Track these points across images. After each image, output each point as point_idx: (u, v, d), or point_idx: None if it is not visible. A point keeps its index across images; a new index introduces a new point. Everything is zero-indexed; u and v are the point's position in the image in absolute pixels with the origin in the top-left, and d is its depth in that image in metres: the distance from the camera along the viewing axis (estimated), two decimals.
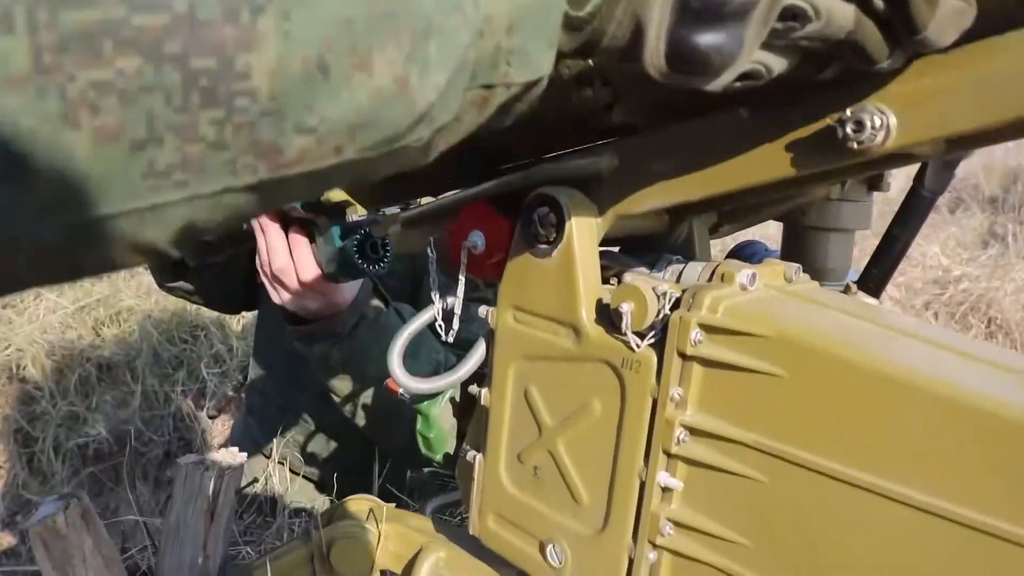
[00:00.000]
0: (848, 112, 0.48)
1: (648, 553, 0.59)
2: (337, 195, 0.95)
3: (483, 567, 0.78)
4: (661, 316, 0.57)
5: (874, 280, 0.67)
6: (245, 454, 0.92)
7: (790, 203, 0.71)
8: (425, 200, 0.84)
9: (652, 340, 0.57)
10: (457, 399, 0.78)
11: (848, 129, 0.48)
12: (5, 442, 2.34)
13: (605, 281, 0.64)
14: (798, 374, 0.51)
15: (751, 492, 0.54)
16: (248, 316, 2.62)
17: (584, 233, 0.62)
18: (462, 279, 0.70)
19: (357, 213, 1.01)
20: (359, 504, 0.88)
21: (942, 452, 0.46)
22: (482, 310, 0.69)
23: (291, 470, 1.64)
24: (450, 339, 0.72)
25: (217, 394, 2.43)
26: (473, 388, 0.70)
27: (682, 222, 0.71)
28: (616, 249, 0.70)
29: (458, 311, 0.71)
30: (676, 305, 0.57)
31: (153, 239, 0.31)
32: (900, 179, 2.16)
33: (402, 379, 0.70)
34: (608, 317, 0.60)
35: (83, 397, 2.43)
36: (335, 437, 1.61)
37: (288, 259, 1.13)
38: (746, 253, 0.81)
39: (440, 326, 0.73)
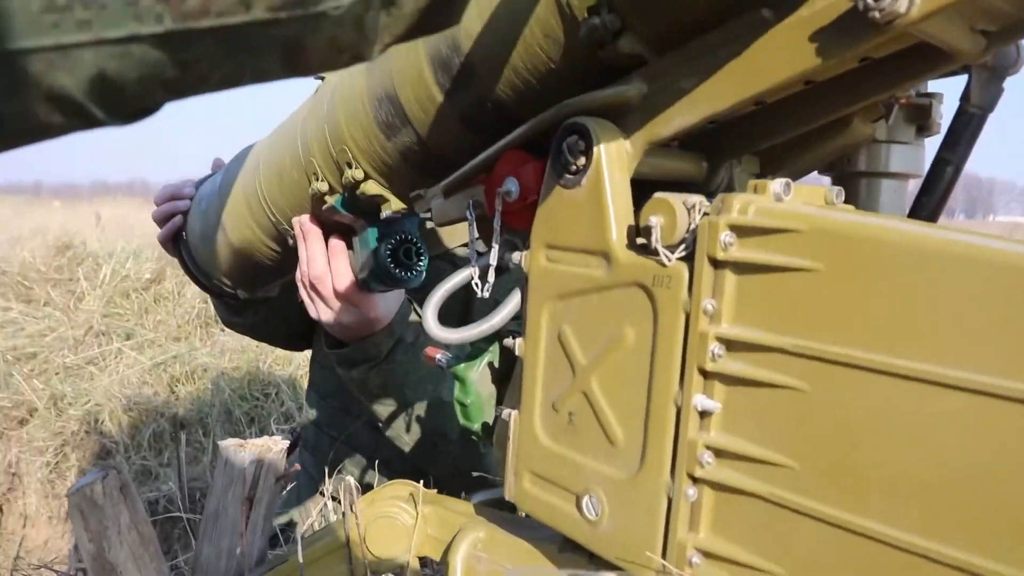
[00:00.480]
0: None
1: (687, 489, 0.55)
2: (373, 188, 0.95)
3: (523, 545, 0.74)
4: (691, 228, 0.54)
5: (925, 209, 0.64)
6: (287, 442, 0.91)
7: (836, 144, 0.68)
8: None
9: (683, 254, 0.55)
10: (496, 364, 0.76)
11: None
12: None
13: None
14: (836, 264, 0.48)
15: (793, 404, 0.50)
16: None
17: (613, 158, 0.60)
18: (497, 228, 0.69)
19: (392, 210, 1.00)
20: (398, 488, 0.85)
21: (1004, 326, 0.42)
22: (515, 256, 0.67)
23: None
24: (486, 294, 0.70)
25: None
26: (508, 341, 0.68)
27: (721, 167, 0.69)
28: None
29: (493, 263, 0.70)
30: (706, 216, 0.54)
31: (66, 86, 0.32)
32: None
33: (435, 330, 0.69)
34: (638, 235, 0.58)
35: (156, 452, 2.46)
36: (389, 467, 1.59)
37: (325, 267, 1.13)
38: None
39: (476, 284, 0.72)
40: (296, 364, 2.86)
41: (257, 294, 1.36)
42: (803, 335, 0.50)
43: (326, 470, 1.54)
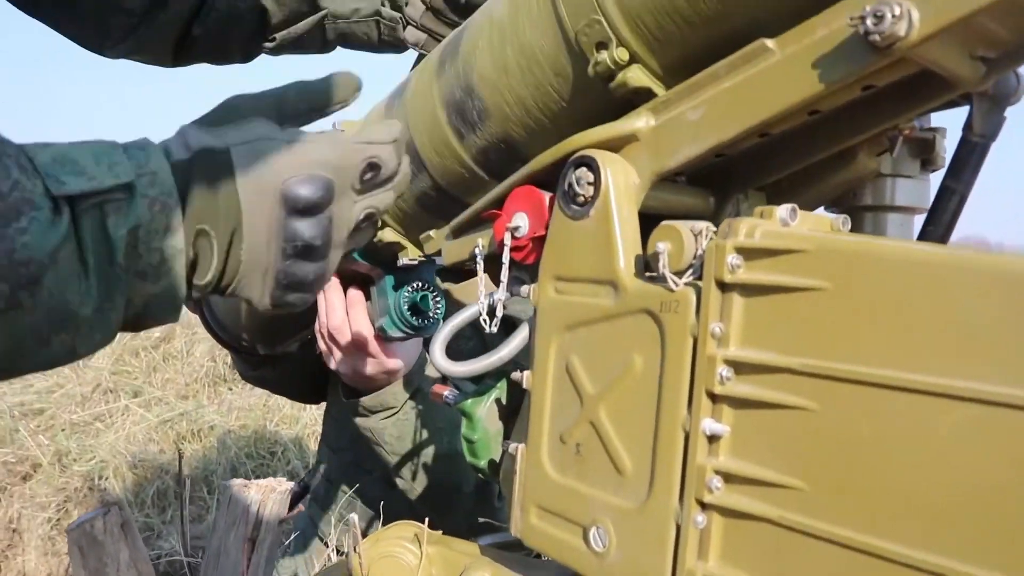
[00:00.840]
0: (867, 8, 0.48)
1: (696, 516, 0.55)
2: (390, 236, 0.95)
3: None
4: (698, 253, 0.55)
5: (931, 239, 0.64)
6: (291, 483, 0.90)
7: (840, 178, 0.68)
8: None
9: (690, 279, 0.55)
10: (503, 401, 0.75)
11: (869, 23, 0.47)
12: None
13: None
14: (842, 282, 0.48)
15: (802, 425, 0.50)
16: None
17: (621, 189, 0.61)
18: (506, 263, 0.69)
19: (409, 257, 1.01)
20: (403, 529, 0.84)
21: (1013, 334, 0.42)
22: (524, 289, 0.68)
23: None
24: (494, 330, 0.70)
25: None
26: (516, 374, 0.68)
27: (728, 202, 0.70)
28: None
29: (502, 298, 0.70)
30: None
31: None
32: None
33: (442, 363, 0.69)
34: (646, 269, 0.58)
35: (159, 510, 2.44)
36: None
37: (344, 317, 1.13)
38: None
39: (484, 320, 0.72)
40: (303, 424, 2.85)
41: (276, 349, 1.36)
42: (811, 354, 0.50)
43: (332, 521, 1.53)
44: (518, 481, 0.68)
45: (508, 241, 0.69)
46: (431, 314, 1.05)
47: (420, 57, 1.11)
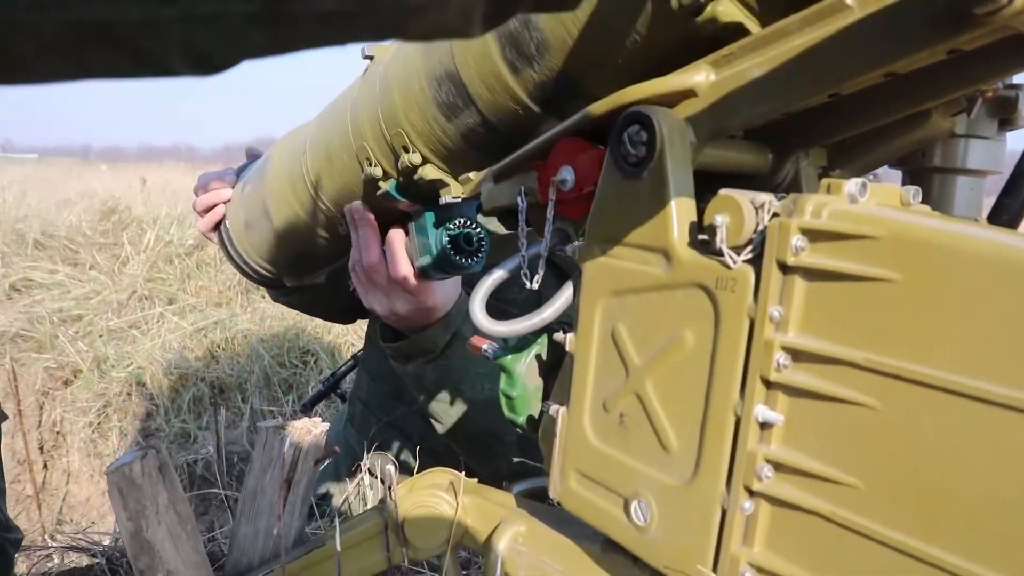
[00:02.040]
0: None
1: (743, 502, 0.53)
2: (432, 173, 0.92)
3: (565, 542, 0.72)
4: (759, 229, 0.51)
5: (1008, 212, 0.60)
6: (327, 424, 0.90)
7: (911, 138, 0.64)
8: None
9: (749, 256, 0.52)
10: (544, 357, 0.73)
11: None
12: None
13: None
14: (916, 276, 0.45)
15: (862, 421, 0.47)
16: (360, 343, 2.65)
17: (677, 150, 0.57)
18: (550, 217, 0.66)
19: (452, 195, 0.96)
20: (439, 476, 0.84)
21: None
22: (570, 247, 0.65)
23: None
24: (535, 286, 0.68)
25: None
26: (558, 335, 0.66)
27: (787, 160, 0.65)
28: None
29: (544, 253, 0.67)
30: (775, 217, 0.51)
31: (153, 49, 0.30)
32: None
33: (484, 323, 0.67)
34: (701, 239, 0.55)
35: (195, 416, 2.49)
36: (435, 458, 1.57)
37: (380, 255, 1.09)
38: None
39: (525, 274, 0.69)
40: (336, 333, 2.87)
41: (303, 282, 1.33)
42: (877, 349, 0.47)
43: (365, 447, 1.53)
44: (558, 444, 0.66)
45: (553, 195, 0.65)
46: (475, 253, 1.01)
47: None
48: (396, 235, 1.07)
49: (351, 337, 2.84)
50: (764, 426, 0.52)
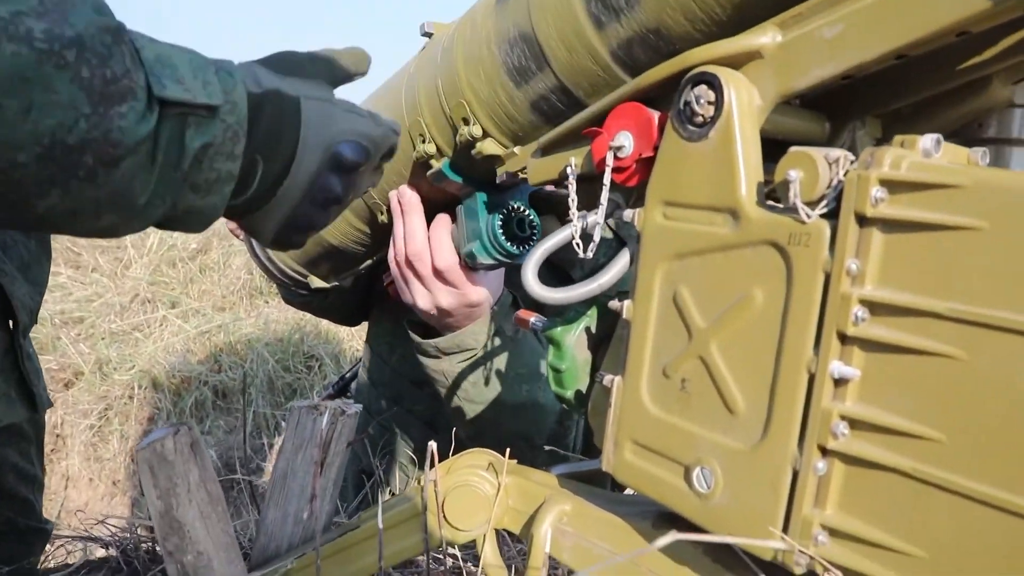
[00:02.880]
0: None
1: (816, 462, 0.52)
2: (491, 148, 0.83)
3: (612, 520, 0.71)
4: (834, 183, 0.51)
5: None
6: (359, 406, 0.89)
7: (968, 108, 0.64)
8: None
9: (824, 210, 0.51)
10: (593, 330, 0.72)
11: None
12: (122, 459, 2.39)
13: None
14: (1003, 223, 0.44)
15: (945, 373, 0.47)
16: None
17: (745, 110, 0.57)
18: (606, 185, 0.65)
19: (509, 172, 0.87)
20: (476, 457, 0.82)
21: None
22: (627, 213, 0.64)
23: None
24: (589, 254, 0.67)
25: None
26: (614, 303, 0.65)
27: (844, 129, 0.65)
28: None
29: (600, 221, 0.67)
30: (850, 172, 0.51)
31: None
32: None
33: (536, 289, 0.66)
34: (771, 197, 0.55)
35: (198, 420, 2.47)
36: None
37: (425, 243, 1.03)
38: None
39: (577, 244, 0.69)
40: (340, 338, 2.86)
41: (330, 282, 1.28)
42: (961, 299, 0.46)
43: (369, 452, 1.49)
44: (613, 415, 0.65)
45: (610, 161, 0.65)
46: (528, 240, 0.96)
47: None
48: (442, 221, 1.03)
49: (356, 342, 2.83)
50: (839, 383, 0.51)
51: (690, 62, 0.60)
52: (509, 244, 0.95)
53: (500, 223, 0.95)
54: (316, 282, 1.29)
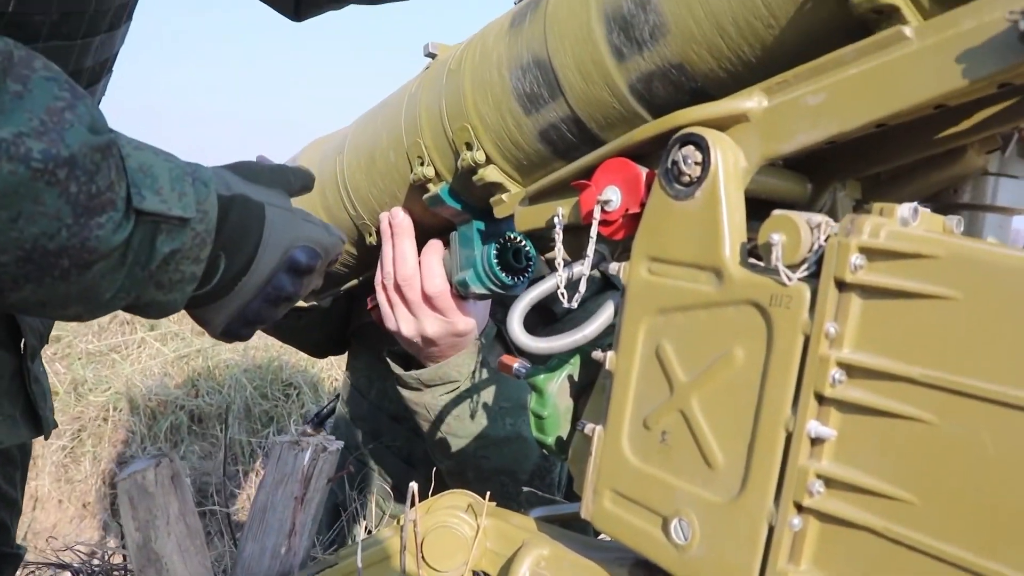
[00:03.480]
0: None
1: (792, 518, 0.53)
2: (493, 175, 0.81)
3: (590, 566, 0.72)
4: (815, 248, 0.53)
5: None
6: (341, 443, 0.89)
7: (944, 174, 0.66)
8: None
9: (804, 273, 0.53)
10: (575, 378, 0.74)
11: None
12: (93, 481, 2.37)
13: None
14: (975, 294, 0.46)
15: (918, 436, 0.48)
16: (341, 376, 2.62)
17: (730, 172, 0.58)
18: (592, 238, 0.67)
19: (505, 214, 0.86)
20: (458, 498, 0.83)
21: None
22: (613, 267, 0.65)
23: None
24: (574, 305, 0.68)
25: None
26: (597, 353, 0.66)
27: (825, 191, 0.67)
28: None
29: (587, 273, 0.68)
30: (831, 238, 0.53)
31: None
32: None
33: (522, 338, 0.67)
34: (753, 254, 0.56)
35: (172, 445, 2.45)
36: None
37: (416, 267, 1.01)
38: None
39: (562, 294, 0.70)
40: (319, 367, 2.85)
41: (310, 301, 1.26)
42: (934, 365, 0.48)
43: (347, 486, 1.48)
44: (593, 464, 0.66)
45: (598, 215, 0.66)
46: (524, 271, 0.94)
47: None
48: (434, 246, 1.01)
49: (335, 371, 2.82)
50: (816, 442, 0.52)
51: (678, 122, 0.62)
52: (504, 275, 0.94)
53: (496, 252, 0.94)
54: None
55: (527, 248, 0.96)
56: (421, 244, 1.04)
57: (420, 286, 1.02)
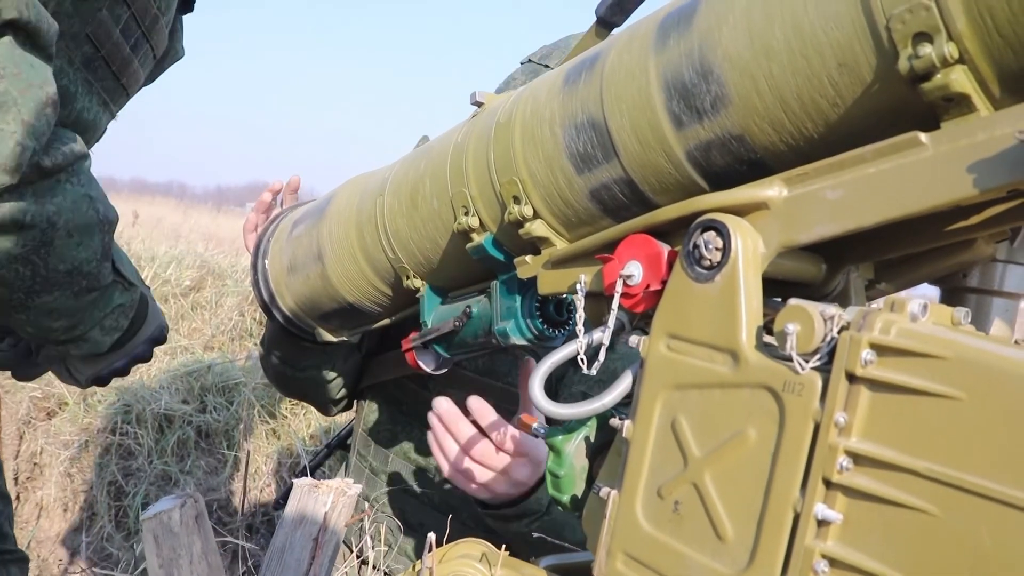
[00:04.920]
0: None
1: None
2: (540, 230, 0.81)
3: None
4: (828, 339, 0.56)
5: None
6: (359, 486, 0.92)
7: (954, 260, 0.69)
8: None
9: (817, 363, 0.56)
10: (592, 439, 0.76)
11: None
12: (99, 492, 2.39)
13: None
14: (979, 396, 0.49)
15: (920, 527, 0.51)
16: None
17: (749, 259, 0.61)
18: (614, 310, 0.70)
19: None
20: (472, 547, 0.85)
21: None
22: (633, 340, 0.68)
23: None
24: (593, 371, 0.71)
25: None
26: (615, 421, 0.69)
27: (839, 272, 0.70)
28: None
29: (606, 343, 0.71)
30: (843, 330, 0.56)
31: None
32: None
33: (544, 404, 0.70)
34: (769, 343, 0.59)
35: (179, 459, 2.47)
36: (422, 533, 1.55)
37: (484, 440, 1.10)
38: None
39: (582, 360, 0.73)
40: None
41: (339, 336, 1.27)
42: (938, 460, 0.50)
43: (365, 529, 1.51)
44: (607, 526, 0.69)
45: (619, 288, 0.69)
46: (563, 323, 0.96)
47: (604, 24, 0.88)
48: (480, 408, 1.09)
49: None
50: (822, 524, 0.55)
51: (701, 207, 0.65)
52: (544, 326, 0.95)
53: (537, 304, 0.95)
54: (324, 335, 1.27)
55: (568, 301, 0.97)
56: (463, 285, 1.04)
57: (495, 450, 1.10)
